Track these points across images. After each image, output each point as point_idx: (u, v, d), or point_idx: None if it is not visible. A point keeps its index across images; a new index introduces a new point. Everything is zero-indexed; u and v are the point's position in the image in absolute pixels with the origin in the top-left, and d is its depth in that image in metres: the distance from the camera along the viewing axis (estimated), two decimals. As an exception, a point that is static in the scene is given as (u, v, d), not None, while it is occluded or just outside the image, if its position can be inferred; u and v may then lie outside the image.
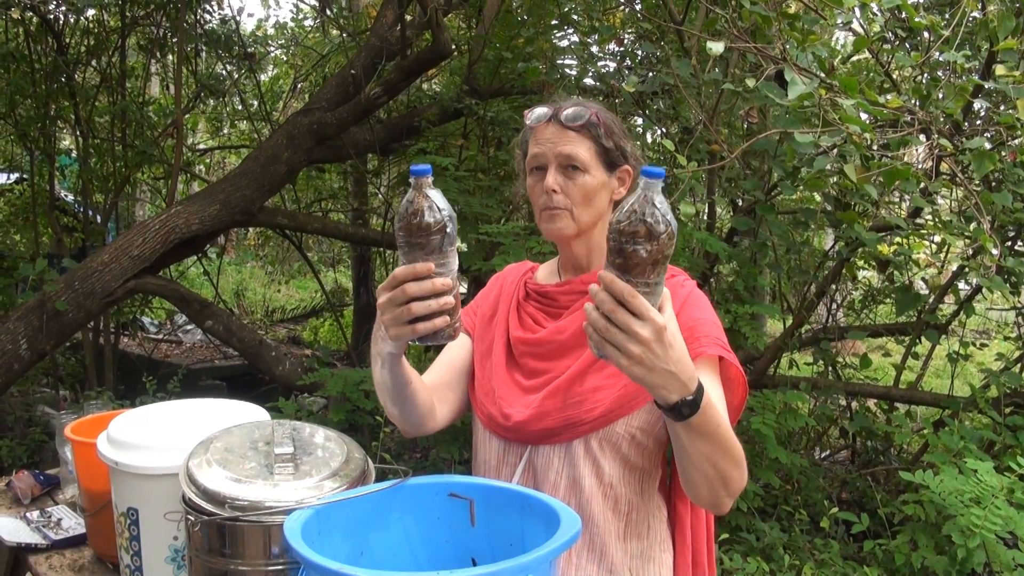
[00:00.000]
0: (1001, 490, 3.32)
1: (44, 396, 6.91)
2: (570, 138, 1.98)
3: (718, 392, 1.87)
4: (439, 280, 1.58)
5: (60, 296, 4.89)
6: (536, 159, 2.02)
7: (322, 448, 1.87)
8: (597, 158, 1.99)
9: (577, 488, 1.93)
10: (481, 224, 5.12)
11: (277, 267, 13.41)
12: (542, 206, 2.02)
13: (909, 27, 4.16)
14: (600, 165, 2.00)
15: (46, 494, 2.81)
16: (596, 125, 1.99)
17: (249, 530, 1.66)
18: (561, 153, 1.97)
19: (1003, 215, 3.89)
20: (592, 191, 1.99)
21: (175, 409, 2.29)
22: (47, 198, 7.47)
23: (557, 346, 2.05)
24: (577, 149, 1.97)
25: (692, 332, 1.88)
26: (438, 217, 1.54)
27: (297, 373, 5.65)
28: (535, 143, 2.02)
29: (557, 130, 1.99)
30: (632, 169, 2.05)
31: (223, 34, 7.61)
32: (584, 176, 1.97)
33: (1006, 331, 5.89)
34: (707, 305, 2.03)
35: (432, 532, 1.74)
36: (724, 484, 1.69)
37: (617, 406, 1.94)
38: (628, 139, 2.07)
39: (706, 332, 1.92)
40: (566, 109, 1.99)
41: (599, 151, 2.00)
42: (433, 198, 1.54)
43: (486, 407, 2.08)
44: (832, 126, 3.19)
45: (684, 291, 2.01)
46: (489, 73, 6.50)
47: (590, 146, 1.98)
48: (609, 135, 2.00)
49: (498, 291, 2.27)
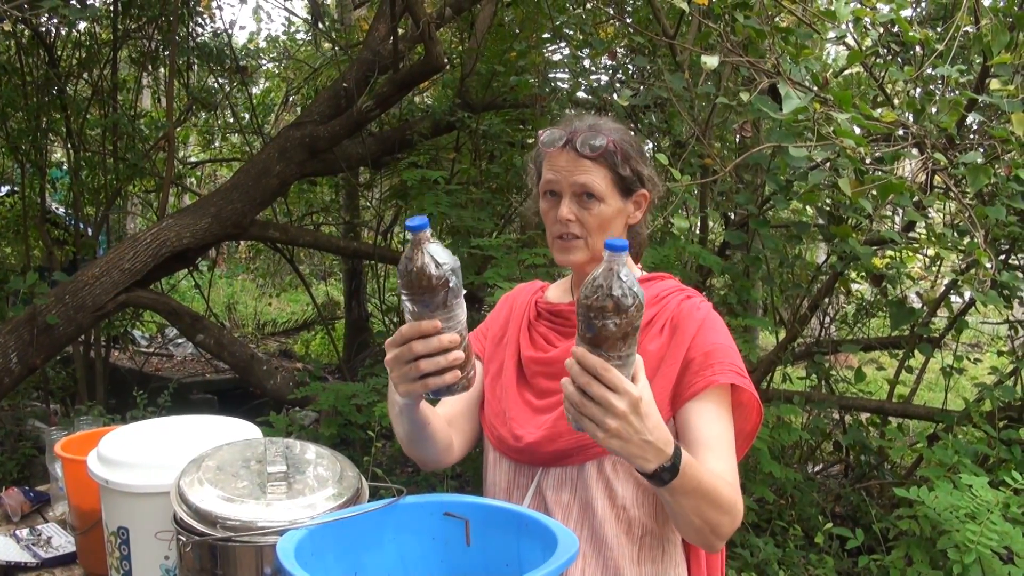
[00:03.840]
0: (996, 505, 3.31)
1: (34, 410, 6.87)
2: (585, 167, 1.92)
3: (725, 424, 1.88)
4: (446, 336, 1.57)
5: (51, 310, 4.87)
6: (550, 185, 1.97)
7: (315, 466, 1.85)
8: (613, 186, 1.94)
9: (590, 511, 1.91)
10: (473, 238, 5.11)
11: (268, 280, 13.38)
12: (556, 234, 1.98)
13: (902, 41, 4.16)
14: (616, 192, 1.95)
15: (36, 511, 2.79)
16: (613, 153, 1.93)
17: (241, 550, 1.65)
18: (576, 183, 1.92)
19: (997, 229, 3.89)
20: (607, 220, 1.95)
21: (166, 426, 2.27)
22: (38, 211, 7.43)
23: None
24: (593, 178, 1.92)
25: (707, 358, 1.89)
26: (440, 272, 1.52)
27: (288, 387, 5.63)
28: (549, 168, 1.97)
29: (572, 158, 1.93)
30: (648, 193, 2.01)
31: (215, 47, 7.61)
32: (600, 205, 1.93)
33: (999, 345, 5.89)
34: (723, 328, 2.00)
35: (427, 552, 1.72)
36: (712, 531, 1.73)
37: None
38: (645, 161, 2.02)
39: (721, 358, 1.90)
40: (581, 135, 1.92)
41: (615, 179, 1.94)
42: (433, 253, 1.52)
43: (496, 428, 2.05)
44: (826, 140, 3.18)
45: (700, 314, 1.97)
46: (481, 86, 6.49)
47: (606, 174, 1.93)
48: (626, 161, 1.95)
49: (508, 311, 2.24)
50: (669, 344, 1.94)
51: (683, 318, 1.95)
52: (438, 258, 1.52)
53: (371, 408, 4.53)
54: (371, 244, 7.86)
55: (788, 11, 4.10)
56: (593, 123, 1.98)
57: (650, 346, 1.94)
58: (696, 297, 2.03)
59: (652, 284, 2.06)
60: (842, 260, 4.40)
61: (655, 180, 2.03)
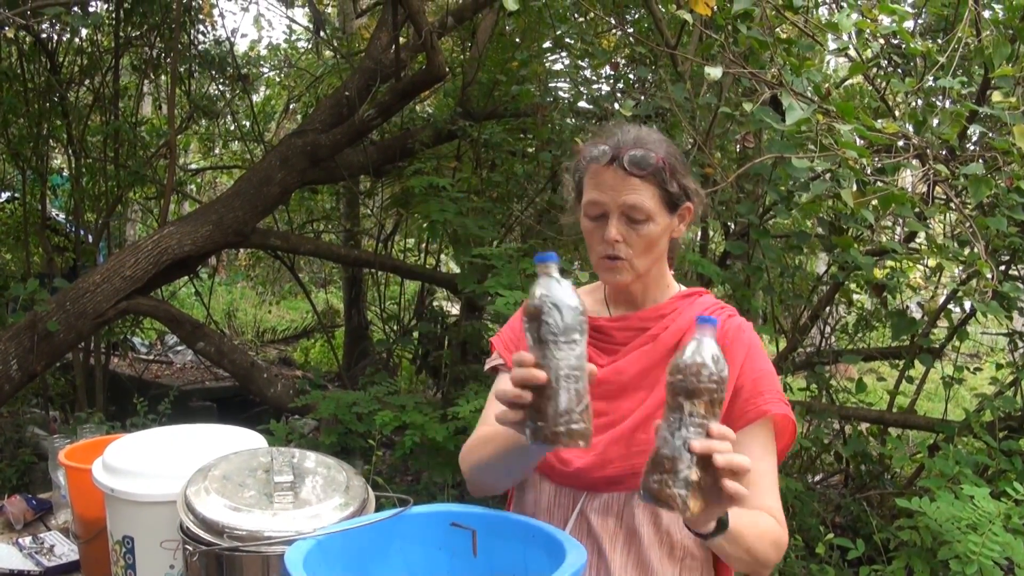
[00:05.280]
0: (998, 516, 3.31)
1: (34, 417, 6.86)
2: (634, 186, 1.85)
3: (772, 456, 1.88)
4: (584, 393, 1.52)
5: (51, 316, 4.86)
6: (596, 207, 1.89)
7: (322, 476, 1.85)
8: (661, 203, 1.88)
9: (636, 538, 1.89)
10: (475, 246, 5.11)
11: (268, 288, 13.38)
12: (601, 254, 1.91)
13: (904, 53, 4.17)
14: (664, 210, 1.88)
15: (38, 519, 2.79)
16: (662, 170, 1.86)
17: (248, 560, 1.65)
18: (626, 204, 1.85)
19: (997, 240, 3.89)
20: (655, 239, 1.89)
21: (171, 435, 2.27)
22: (39, 217, 7.44)
23: (617, 387, 1.94)
24: (642, 198, 1.85)
25: (756, 386, 1.86)
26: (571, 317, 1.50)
27: (288, 395, 5.62)
28: (594, 186, 1.89)
29: (620, 176, 1.85)
30: (693, 207, 1.95)
31: (216, 55, 7.61)
32: (648, 225, 1.86)
33: (998, 356, 5.89)
34: (764, 351, 1.97)
35: (433, 562, 1.72)
36: (760, 564, 1.74)
37: None
38: (688, 172, 1.95)
39: (769, 386, 1.87)
40: (629, 151, 1.85)
41: (663, 196, 1.88)
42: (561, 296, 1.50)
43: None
44: (827, 151, 3.19)
45: (746, 337, 1.93)
46: (483, 95, 6.50)
47: (654, 192, 1.86)
48: (673, 176, 1.88)
49: None
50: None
51: (731, 342, 1.90)
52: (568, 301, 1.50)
53: (371, 417, 4.53)
54: (371, 252, 7.86)
55: (790, 22, 4.10)
56: (638, 136, 1.91)
57: None
58: (736, 316, 2.00)
59: (692, 301, 2.01)
60: (843, 270, 4.41)
61: (699, 192, 1.97)
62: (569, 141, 5.40)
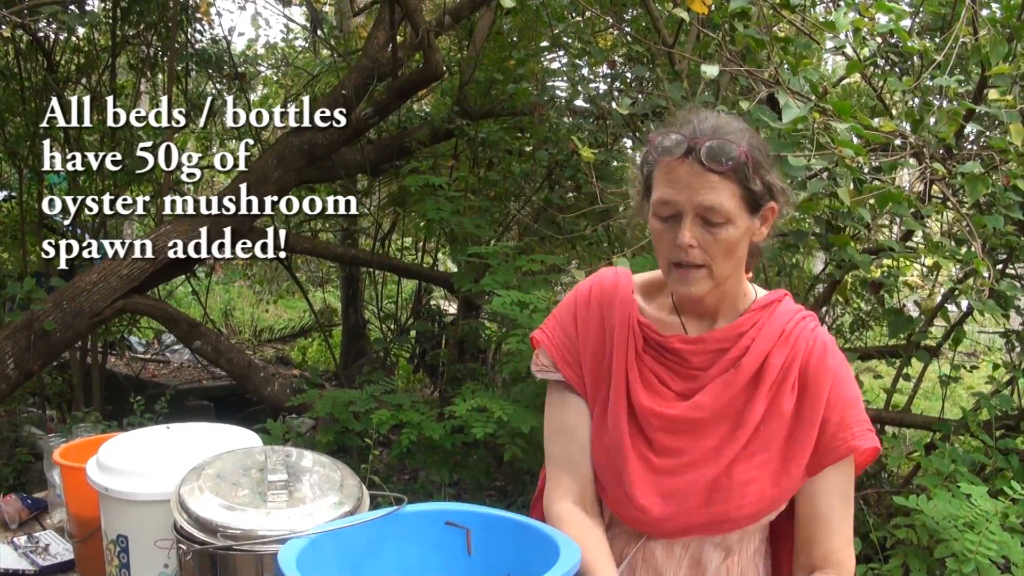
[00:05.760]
0: (995, 515, 3.30)
1: (31, 416, 6.85)
2: (712, 183, 1.63)
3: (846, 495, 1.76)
4: None
5: (48, 315, 4.86)
6: (668, 206, 1.67)
7: (316, 474, 1.85)
8: (742, 203, 1.66)
9: (701, 567, 1.80)
10: (472, 245, 5.11)
11: (265, 287, 13.36)
12: (673, 259, 1.70)
13: (901, 52, 4.17)
14: (745, 210, 1.67)
15: (33, 518, 2.78)
16: (744, 165, 1.64)
17: (242, 559, 1.64)
18: (702, 204, 1.63)
19: (994, 238, 3.89)
20: (734, 243, 1.68)
21: (166, 434, 2.27)
22: (35, 216, 7.43)
23: (698, 423, 1.77)
24: (721, 198, 1.63)
25: (844, 418, 1.73)
26: None
27: (286, 394, 5.61)
28: (666, 182, 1.67)
29: (696, 171, 1.63)
30: (777, 207, 1.74)
31: (213, 54, 7.60)
32: (727, 228, 1.65)
33: (995, 356, 5.89)
34: (849, 370, 1.80)
35: (428, 561, 1.72)
36: None
37: (770, 503, 1.75)
38: (773, 167, 1.75)
39: (856, 416, 1.74)
40: (707, 142, 1.62)
41: (745, 195, 1.66)
42: None
43: (611, 490, 1.83)
44: (824, 149, 3.19)
45: (830, 362, 1.76)
46: (480, 94, 6.50)
47: (735, 191, 1.64)
48: (757, 172, 1.66)
49: (598, 322, 1.88)
50: (802, 401, 1.74)
51: (814, 368, 1.74)
52: None
53: (368, 415, 4.52)
54: (369, 251, 7.85)
55: (787, 21, 4.10)
56: (717, 125, 1.69)
57: (785, 405, 1.73)
58: (819, 329, 1.81)
59: (772, 312, 1.82)
60: (840, 269, 4.41)
61: (786, 190, 1.77)
62: (565, 140, 5.40)
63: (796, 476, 1.73)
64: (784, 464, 1.73)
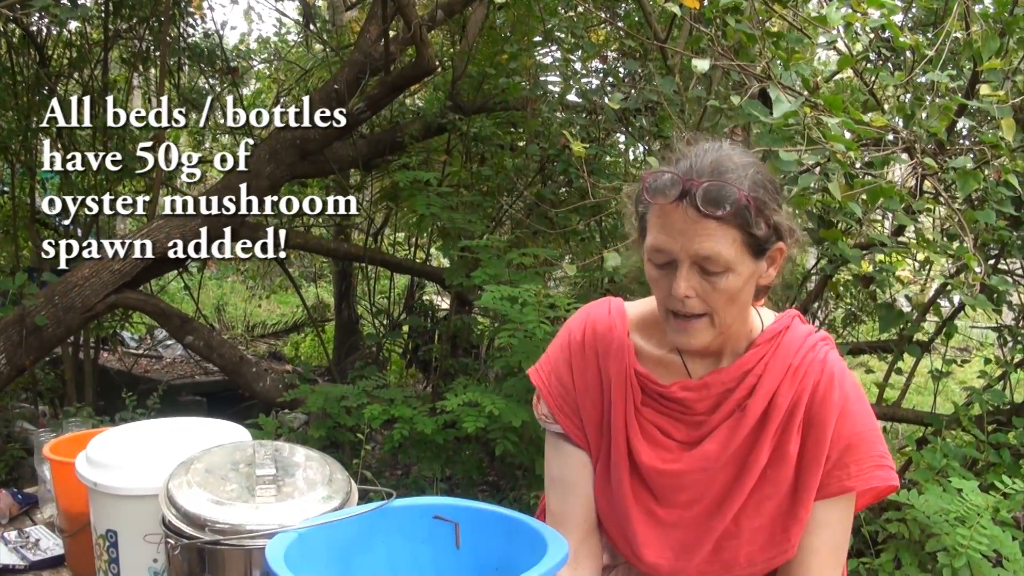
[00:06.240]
0: (987, 509, 3.31)
1: (23, 412, 6.84)
2: (709, 230, 1.51)
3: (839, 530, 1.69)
4: None
5: (40, 311, 4.85)
6: (663, 254, 1.57)
7: (304, 469, 1.85)
8: (745, 249, 1.55)
9: None
10: (463, 239, 5.11)
11: (258, 282, 13.35)
12: (669, 308, 1.61)
13: (893, 47, 4.17)
14: (747, 256, 1.56)
15: (24, 513, 2.78)
16: (746, 209, 1.51)
17: (230, 554, 1.64)
18: (699, 254, 1.52)
19: (986, 233, 3.89)
20: (736, 291, 1.57)
21: (155, 429, 2.27)
22: (27, 211, 7.41)
23: (707, 473, 1.70)
24: (719, 246, 1.51)
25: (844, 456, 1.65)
26: None
27: (278, 389, 5.61)
28: (660, 227, 1.55)
29: (691, 217, 1.51)
30: (786, 248, 1.62)
31: (206, 48, 7.59)
32: (728, 277, 1.54)
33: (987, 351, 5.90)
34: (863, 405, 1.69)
35: (417, 555, 1.72)
36: None
37: (782, 550, 1.68)
38: (780, 203, 1.61)
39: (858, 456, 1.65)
40: (702, 185, 1.50)
41: (747, 241, 1.54)
42: None
43: (619, 545, 1.81)
44: (816, 144, 3.19)
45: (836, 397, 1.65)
46: (472, 89, 6.49)
47: (735, 236, 1.52)
48: (760, 214, 1.53)
49: (595, 374, 1.80)
50: (807, 441, 1.66)
51: (819, 405, 1.65)
52: None
53: (360, 410, 4.52)
54: (361, 246, 7.84)
55: (779, 16, 4.10)
56: (716, 162, 1.55)
57: (791, 448, 1.66)
58: (828, 360, 1.69)
59: (781, 340, 1.71)
60: (832, 264, 4.41)
61: (793, 228, 1.64)
62: (558, 135, 5.40)
63: (805, 519, 1.67)
64: (793, 509, 1.67)
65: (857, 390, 1.69)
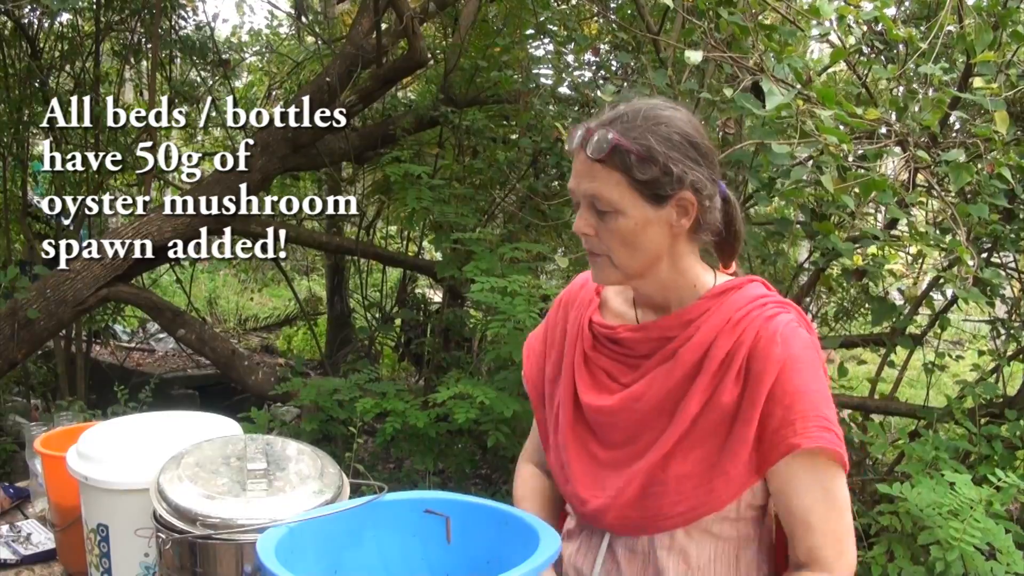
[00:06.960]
0: (979, 502, 3.32)
1: (15, 405, 6.84)
2: (595, 172, 1.61)
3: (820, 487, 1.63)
4: None
5: (31, 304, 4.84)
6: (573, 195, 1.69)
7: (296, 463, 1.84)
8: (634, 193, 1.60)
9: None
10: (456, 232, 5.10)
11: (250, 275, 13.34)
12: (583, 247, 1.72)
13: (886, 40, 4.17)
14: (640, 201, 1.61)
15: (16, 507, 2.77)
16: (625, 154, 1.58)
17: (221, 548, 1.64)
18: (587, 193, 1.63)
19: (979, 227, 3.90)
20: (631, 234, 1.62)
21: (146, 422, 2.27)
22: (19, 204, 7.39)
23: (637, 416, 1.72)
24: (602, 188, 1.61)
25: (788, 413, 1.60)
26: None
27: (270, 383, 5.60)
28: (572, 172, 1.68)
29: (585, 162, 1.63)
30: (697, 199, 1.63)
31: (198, 40, 7.57)
32: (618, 218, 1.61)
33: (980, 343, 5.90)
34: (810, 365, 1.66)
35: (408, 549, 1.72)
36: None
37: (705, 501, 1.65)
38: (695, 158, 1.63)
39: (803, 412, 1.60)
40: (596, 131, 1.61)
41: (634, 184, 1.60)
42: None
43: (563, 487, 1.84)
44: (809, 137, 3.18)
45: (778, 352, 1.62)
46: (465, 82, 6.48)
47: (620, 180, 1.60)
48: (646, 163, 1.58)
49: (563, 328, 1.92)
50: (743, 394, 1.64)
51: (758, 357, 1.63)
52: None
53: (353, 404, 4.52)
54: (354, 239, 7.83)
55: (772, 8, 4.10)
56: (622, 114, 1.64)
57: (726, 397, 1.64)
58: (782, 314, 1.69)
59: (726, 299, 1.72)
60: (824, 257, 4.41)
61: (703, 183, 1.64)
62: (550, 127, 5.39)
63: (735, 475, 1.63)
64: (720, 462, 1.64)
65: (809, 353, 1.66)
